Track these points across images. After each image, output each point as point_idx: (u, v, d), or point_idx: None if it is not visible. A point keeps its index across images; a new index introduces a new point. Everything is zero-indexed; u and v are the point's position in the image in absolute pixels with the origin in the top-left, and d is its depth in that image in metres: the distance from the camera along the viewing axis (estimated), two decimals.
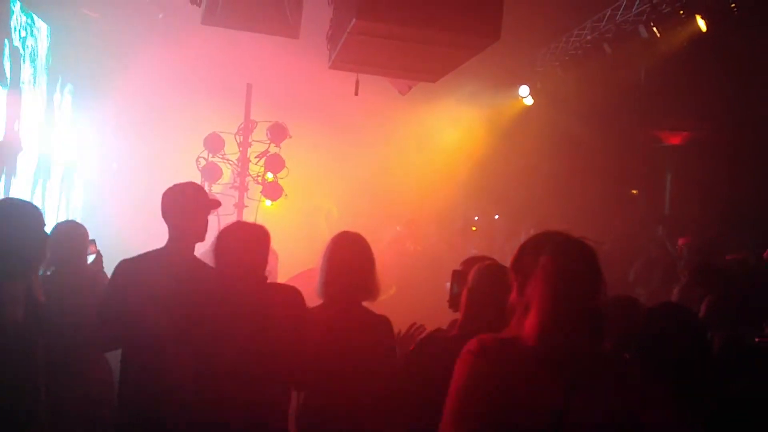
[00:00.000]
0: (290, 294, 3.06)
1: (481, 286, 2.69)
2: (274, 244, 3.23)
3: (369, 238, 3.31)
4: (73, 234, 3.88)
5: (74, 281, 3.69)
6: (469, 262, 3.12)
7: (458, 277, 3.05)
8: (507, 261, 2.58)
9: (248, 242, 3.01)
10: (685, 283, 4.13)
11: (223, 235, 3.05)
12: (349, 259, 3.14)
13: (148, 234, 3.61)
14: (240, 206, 6.74)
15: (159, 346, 2.89)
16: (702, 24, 7.44)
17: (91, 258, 3.95)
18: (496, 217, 10.79)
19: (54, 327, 2.92)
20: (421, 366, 2.71)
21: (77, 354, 3.55)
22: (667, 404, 1.76)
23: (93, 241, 3.93)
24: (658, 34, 7.83)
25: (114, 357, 3.37)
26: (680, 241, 6.71)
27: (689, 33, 7.81)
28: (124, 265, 3.11)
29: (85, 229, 3.96)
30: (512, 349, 1.79)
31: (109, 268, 3.40)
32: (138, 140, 8.51)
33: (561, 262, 1.80)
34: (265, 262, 3.07)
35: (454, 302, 3.01)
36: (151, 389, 2.95)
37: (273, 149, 6.94)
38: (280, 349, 2.89)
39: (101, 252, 3.96)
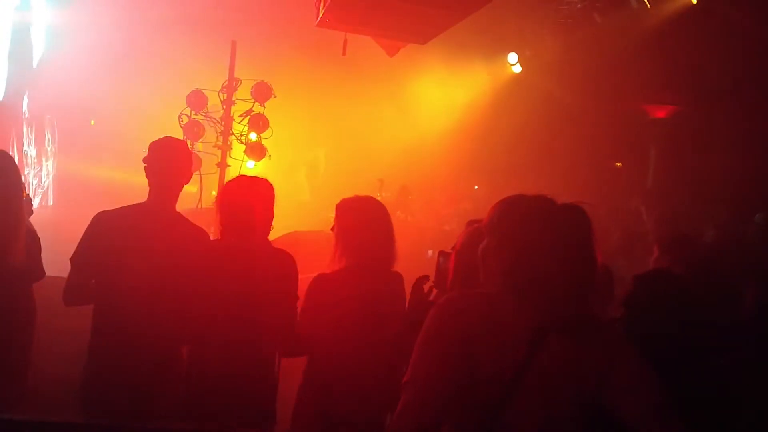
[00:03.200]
0: (286, 261, 2.97)
1: (471, 248, 2.61)
2: None
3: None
4: None
5: None
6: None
7: (446, 253, 2.75)
8: None
9: (254, 200, 2.97)
10: (657, 256, 4.11)
11: (229, 190, 3.02)
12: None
13: (127, 191, 3.50)
14: (222, 166, 6.66)
15: (136, 299, 2.83)
16: None
17: None
18: (476, 187, 10.78)
19: None
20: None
21: None
22: (634, 369, 1.76)
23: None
24: (648, 5, 7.78)
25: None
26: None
27: (679, 4, 7.77)
28: (102, 216, 3.03)
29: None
30: (481, 302, 1.80)
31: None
32: (118, 95, 8.33)
33: (535, 224, 1.81)
34: (269, 220, 3.03)
35: (440, 280, 2.67)
36: (126, 344, 2.88)
37: (257, 108, 6.83)
38: (270, 318, 2.84)
39: (30, 197, 3.67)
